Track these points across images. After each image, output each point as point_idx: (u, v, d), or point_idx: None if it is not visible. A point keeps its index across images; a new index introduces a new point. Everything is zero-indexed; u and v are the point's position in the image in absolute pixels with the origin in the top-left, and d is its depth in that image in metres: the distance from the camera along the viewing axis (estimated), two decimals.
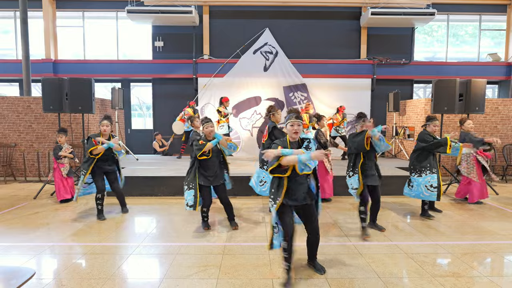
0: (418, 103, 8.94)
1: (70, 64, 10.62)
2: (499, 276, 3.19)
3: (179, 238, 4.17)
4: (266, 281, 3.08)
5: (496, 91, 11.53)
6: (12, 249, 3.85)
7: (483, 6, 10.72)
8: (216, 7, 10.48)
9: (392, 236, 4.23)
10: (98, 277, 3.16)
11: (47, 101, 6.52)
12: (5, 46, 11.00)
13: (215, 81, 10.25)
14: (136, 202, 5.86)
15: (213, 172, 4.38)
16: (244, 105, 10.21)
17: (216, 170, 4.42)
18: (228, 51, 10.29)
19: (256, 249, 3.81)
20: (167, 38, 10.57)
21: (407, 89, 10.86)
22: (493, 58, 10.86)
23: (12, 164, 7.98)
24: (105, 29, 10.94)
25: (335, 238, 4.16)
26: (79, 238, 4.19)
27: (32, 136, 8.02)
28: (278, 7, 10.44)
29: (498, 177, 8.19)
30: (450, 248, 3.87)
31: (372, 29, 10.53)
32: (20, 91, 10.98)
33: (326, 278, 3.13)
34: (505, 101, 8.45)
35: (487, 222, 4.82)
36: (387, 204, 5.73)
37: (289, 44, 10.39)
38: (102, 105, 8.86)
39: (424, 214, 5.05)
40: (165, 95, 10.71)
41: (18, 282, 1.96)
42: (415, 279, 3.11)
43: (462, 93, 6.81)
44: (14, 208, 5.55)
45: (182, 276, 3.18)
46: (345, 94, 10.19)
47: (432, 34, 11.24)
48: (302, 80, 10.24)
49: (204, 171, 4.36)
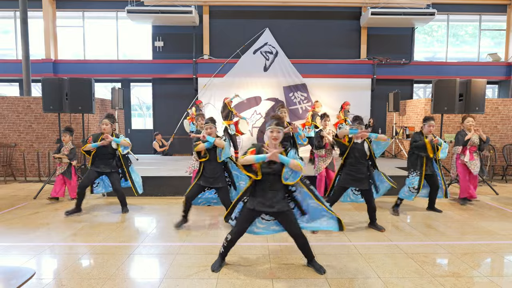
0: (418, 103, 8.94)
1: (70, 64, 10.62)
2: (499, 276, 3.19)
3: (179, 238, 4.17)
4: (266, 281, 3.08)
5: (496, 91, 11.53)
6: (12, 249, 3.85)
7: (483, 6, 10.72)
8: (216, 7, 10.48)
9: (392, 236, 4.23)
10: (98, 277, 3.16)
11: (47, 101, 6.52)
12: (5, 46, 11.00)
13: (215, 81, 10.25)
14: (136, 202, 5.86)
15: (213, 174, 4.34)
16: (244, 105, 10.21)
17: (217, 172, 4.37)
18: (228, 51, 10.29)
19: (256, 249, 3.81)
20: (167, 38, 10.57)
21: (407, 89, 10.86)
22: (493, 58, 10.86)
23: (12, 164, 7.98)
24: (105, 29, 10.94)
25: (335, 238, 4.16)
26: (79, 238, 4.19)
27: (32, 136, 8.02)
28: (278, 7, 10.44)
29: (497, 176, 8.21)
30: (450, 248, 3.87)
31: (372, 29, 10.53)
32: (20, 91, 10.98)
33: (326, 278, 3.13)
34: (505, 101, 8.45)
35: (487, 222, 4.82)
36: (387, 204, 5.73)
37: (289, 44, 10.40)
38: (102, 105, 8.86)
39: (394, 209, 5.29)
40: (165, 95, 10.71)
41: (18, 282, 1.96)
42: (415, 279, 3.11)
43: (462, 93, 6.81)
44: (14, 208, 5.55)
45: (182, 276, 3.18)
46: (345, 94, 10.18)
47: (432, 34, 11.24)
48: (302, 80, 10.24)
49: (206, 173, 4.37)
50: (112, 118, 5.19)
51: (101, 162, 5.09)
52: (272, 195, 3.10)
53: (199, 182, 4.39)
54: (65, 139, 5.90)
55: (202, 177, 4.39)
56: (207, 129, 4.30)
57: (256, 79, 10.25)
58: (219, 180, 4.39)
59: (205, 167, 4.37)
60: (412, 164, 5.18)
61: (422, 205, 5.59)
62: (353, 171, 4.31)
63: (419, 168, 5.07)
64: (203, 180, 4.37)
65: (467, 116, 5.84)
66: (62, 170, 5.89)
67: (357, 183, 4.31)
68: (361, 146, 4.31)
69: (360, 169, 4.30)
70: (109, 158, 5.11)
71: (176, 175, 6.45)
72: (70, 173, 5.95)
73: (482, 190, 6.84)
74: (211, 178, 4.35)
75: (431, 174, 5.14)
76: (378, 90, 10.52)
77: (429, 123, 5.05)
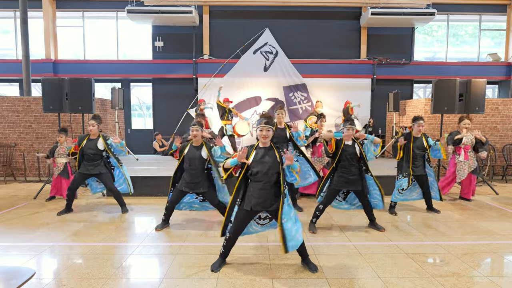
0: (418, 103, 8.94)
1: (70, 64, 10.62)
2: (499, 276, 3.19)
3: (179, 238, 4.17)
4: (266, 281, 3.08)
5: (496, 91, 11.53)
6: (12, 249, 3.85)
7: (483, 6, 10.73)
8: (216, 7, 10.48)
9: (392, 236, 4.23)
10: (98, 277, 3.16)
11: (47, 101, 6.52)
12: (5, 46, 11.00)
13: (215, 81, 10.25)
14: (136, 202, 5.86)
15: (194, 179, 4.17)
16: (244, 105, 10.21)
17: (199, 177, 4.18)
18: (228, 51, 10.29)
19: (256, 249, 3.81)
20: (167, 38, 10.57)
21: (407, 89, 10.86)
22: (493, 58, 10.86)
23: (12, 164, 7.98)
24: (105, 29, 10.94)
25: (335, 238, 4.16)
26: (79, 238, 4.19)
27: (32, 136, 8.02)
28: (278, 7, 10.44)
29: (497, 176, 8.21)
30: (450, 248, 3.87)
31: (372, 29, 10.53)
32: (20, 91, 10.98)
33: (326, 278, 3.13)
34: (505, 101, 8.45)
35: (487, 222, 4.82)
36: (387, 204, 5.72)
37: (289, 44, 10.40)
38: (102, 105, 8.86)
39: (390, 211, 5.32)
40: (165, 95, 10.72)
41: (18, 282, 1.96)
42: (415, 279, 3.11)
43: (462, 93, 6.80)
44: (14, 208, 5.55)
45: (182, 276, 3.18)
46: (345, 94, 10.18)
47: (432, 34, 11.24)
48: (302, 80, 10.24)
49: (187, 177, 4.24)
50: (98, 119, 5.16)
51: (88, 164, 5.05)
52: (266, 194, 3.13)
53: (180, 188, 4.25)
54: (60, 140, 5.90)
55: (183, 182, 4.24)
56: (193, 131, 4.15)
57: (256, 79, 10.25)
58: (201, 185, 4.21)
59: (186, 172, 4.23)
60: (399, 166, 5.19)
61: (422, 205, 5.59)
62: (345, 173, 4.28)
63: (407, 169, 5.06)
64: (184, 185, 4.23)
65: (465, 117, 5.85)
66: (59, 171, 5.89)
67: (349, 185, 4.30)
68: (352, 148, 4.30)
69: (352, 171, 4.28)
70: (96, 160, 5.08)
71: None
72: (68, 172, 5.95)
73: (482, 190, 6.84)
74: (192, 183, 4.19)
75: (420, 175, 5.11)
76: (378, 90, 10.52)
77: (418, 122, 5.03)
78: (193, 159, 4.17)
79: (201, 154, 4.18)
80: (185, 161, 4.22)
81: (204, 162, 4.22)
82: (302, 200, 5.94)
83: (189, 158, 4.19)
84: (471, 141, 5.83)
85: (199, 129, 4.18)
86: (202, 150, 4.20)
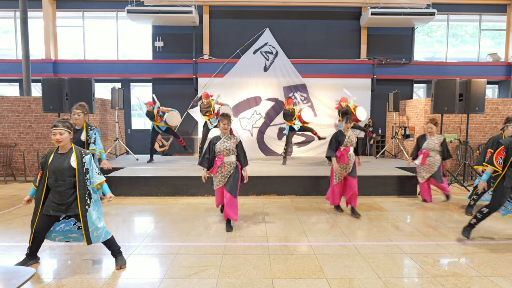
0: (418, 103, 8.94)
1: (70, 64, 10.62)
2: (499, 276, 3.19)
3: (179, 238, 4.17)
4: (266, 281, 3.08)
5: (496, 91, 11.53)
6: (12, 249, 3.85)
7: (483, 6, 10.72)
8: (216, 7, 10.48)
9: (392, 236, 4.23)
10: (98, 277, 3.16)
11: (47, 101, 6.52)
12: (5, 46, 10.99)
13: (215, 81, 10.25)
14: (136, 202, 5.86)
15: (64, 199, 3.14)
16: (244, 105, 10.20)
17: (70, 195, 3.15)
18: (228, 51, 10.29)
19: (256, 249, 3.81)
20: (167, 38, 10.57)
21: (407, 89, 10.86)
22: (493, 58, 10.86)
23: (12, 164, 7.99)
24: (105, 29, 10.94)
25: (335, 238, 4.16)
26: None
27: (32, 136, 8.02)
28: (278, 7, 10.43)
29: None
30: (450, 248, 3.87)
31: (372, 29, 10.53)
32: (20, 91, 10.98)
33: (326, 278, 3.13)
34: (505, 101, 8.45)
35: (487, 222, 4.81)
36: (386, 204, 5.73)
37: (289, 44, 10.39)
38: (102, 105, 8.87)
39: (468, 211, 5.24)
40: (165, 95, 10.69)
41: (18, 282, 1.96)
42: (415, 279, 3.11)
43: (462, 93, 6.81)
44: (14, 208, 5.55)
45: (182, 276, 3.18)
46: (345, 94, 10.17)
47: (432, 34, 11.24)
48: (302, 80, 10.24)
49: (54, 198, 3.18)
50: (84, 108, 4.69)
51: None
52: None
53: (47, 212, 3.15)
54: None
55: (49, 204, 3.15)
56: (55, 134, 3.22)
57: (256, 79, 10.25)
58: (74, 206, 3.15)
59: (52, 190, 3.16)
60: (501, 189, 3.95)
61: (422, 205, 5.59)
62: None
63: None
64: (52, 207, 3.14)
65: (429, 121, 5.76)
66: None
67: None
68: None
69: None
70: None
71: (176, 175, 6.45)
72: None
73: None
74: (62, 205, 3.13)
75: None
76: (378, 90, 10.52)
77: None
78: (59, 171, 3.12)
79: (70, 163, 3.15)
80: (50, 176, 3.14)
81: (75, 174, 3.15)
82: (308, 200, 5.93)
83: (53, 171, 3.12)
84: (433, 147, 5.69)
85: (64, 132, 3.18)
86: (71, 158, 3.18)
